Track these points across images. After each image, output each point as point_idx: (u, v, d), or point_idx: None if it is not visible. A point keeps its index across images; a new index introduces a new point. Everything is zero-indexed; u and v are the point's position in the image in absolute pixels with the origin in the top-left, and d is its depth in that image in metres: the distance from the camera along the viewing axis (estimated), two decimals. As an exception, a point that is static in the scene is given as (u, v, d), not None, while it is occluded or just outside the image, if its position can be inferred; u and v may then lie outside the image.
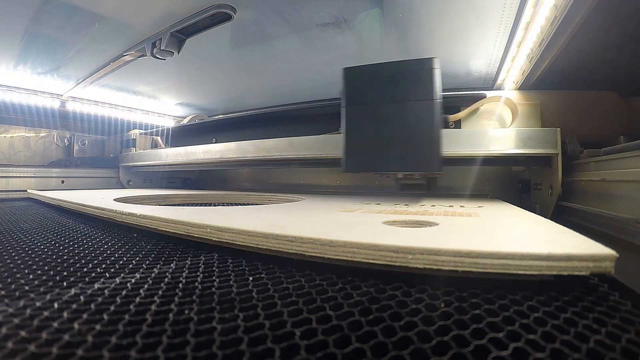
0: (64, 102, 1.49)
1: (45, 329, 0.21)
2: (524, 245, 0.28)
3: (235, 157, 1.12)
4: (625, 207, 0.56)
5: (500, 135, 0.79)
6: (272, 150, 1.03)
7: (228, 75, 1.30)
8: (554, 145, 0.75)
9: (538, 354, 0.18)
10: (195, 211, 0.55)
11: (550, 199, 0.80)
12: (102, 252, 0.40)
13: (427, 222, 0.42)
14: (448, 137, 0.79)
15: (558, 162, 0.75)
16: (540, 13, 0.69)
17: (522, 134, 0.78)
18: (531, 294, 0.26)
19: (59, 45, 1.01)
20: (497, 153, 0.79)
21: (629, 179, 0.55)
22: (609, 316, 0.23)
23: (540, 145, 0.76)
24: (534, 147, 0.77)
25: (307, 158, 0.97)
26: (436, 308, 0.24)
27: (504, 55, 0.95)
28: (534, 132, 0.78)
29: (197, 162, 1.25)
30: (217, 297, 0.26)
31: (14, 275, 0.32)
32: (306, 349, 0.19)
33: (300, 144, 0.99)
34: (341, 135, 0.81)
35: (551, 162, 0.79)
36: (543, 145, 0.76)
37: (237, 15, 0.83)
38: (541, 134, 0.77)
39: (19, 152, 1.54)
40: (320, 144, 0.96)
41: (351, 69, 0.81)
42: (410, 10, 0.81)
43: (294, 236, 0.33)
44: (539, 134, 0.77)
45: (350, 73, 0.81)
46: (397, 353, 0.19)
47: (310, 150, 0.96)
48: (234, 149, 1.13)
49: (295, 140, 1.00)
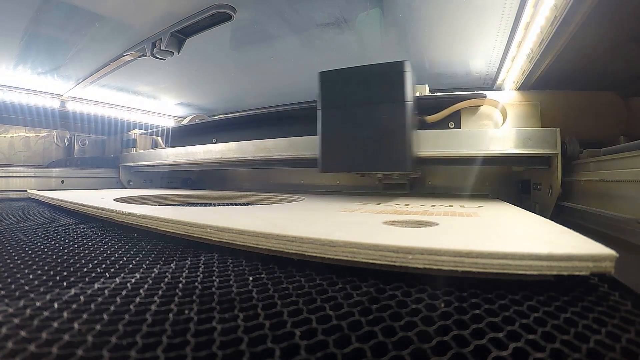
0: (64, 102, 1.49)
1: (45, 329, 0.21)
2: (524, 245, 0.28)
3: (235, 157, 1.13)
4: (626, 207, 0.56)
5: (500, 136, 0.80)
6: (273, 150, 1.03)
7: (228, 75, 1.30)
8: (553, 145, 0.76)
9: (538, 354, 0.18)
10: (195, 211, 0.55)
11: (549, 199, 0.80)
12: (102, 252, 0.40)
13: (427, 222, 0.42)
14: (447, 138, 0.82)
15: (557, 162, 0.75)
16: (540, 13, 0.69)
17: (522, 134, 0.78)
18: (531, 294, 0.26)
19: (59, 45, 1.01)
20: (497, 153, 0.79)
21: (629, 179, 0.55)
22: (609, 316, 0.23)
23: (540, 145, 0.77)
24: (533, 147, 0.77)
25: (308, 158, 0.96)
26: (436, 308, 0.24)
27: (504, 55, 0.95)
28: (534, 133, 0.78)
29: (197, 162, 1.25)
30: (217, 297, 0.26)
31: (14, 275, 0.32)
32: (306, 349, 0.19)
33: (301, 144, 0.99)
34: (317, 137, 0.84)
35: (551, 162, 0.80)
36: (543, 145, 0.76)
37: (237, 15, 0.83)
38: (541, 134, 0.77)
39: (19, 152, 1.54)
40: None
41: (326, 73, 0.83)
42: (410, 10, 0.81)
43: (294, 236, 0.33)
44: (538, 134, 0.78)
45: (326, 77, 0.83)
46: (397, 353, 0.19)
47: (311, 151, 0.95)
48: (234, 149, 1.13)
49: (296, 140, 1.00)
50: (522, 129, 0.80)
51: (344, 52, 1.03)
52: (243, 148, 1.11)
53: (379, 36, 0.94)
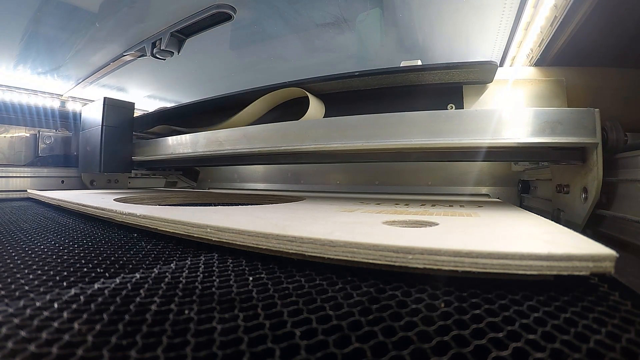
0: (64, 102, 1.49)
1: (45, 329, 0.21)
2: (524, 245, 0.28)
3: (187, 152, 1.01)
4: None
5: (517, 119, 0.59)
6: (225, 144, 0.90)
7: (228, 75, 1.30)
8: (592, 132, 0.55)
9: (538, 354, 0.18)
10: (195, 211, 0.55)
11: (583, 205, 0.60)
12: (102, 252, 0.40)
13: (427, 222, 0.42)
14: (443, 122, 0.63)
15: (598, 156, 0.56)
16: (540, 13, 0.69)
17: (548, 116, 0.57)
18: (531, 294, 0.26)
19: (59, 45, 1.01)
20: (512, 143, 0.59)
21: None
22: (609, 316, 0.23)
23: (573, 132, 0.56)
24: (564, 134, 0.57)
25: (264, 153, 0.83)
26: (436, 308, 0.24)
27: (504, 55, 0.95)
28: (565, 114, 0.57)
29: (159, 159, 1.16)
30: (217, 297, 0.26)
31: (14, 275, 0.32)
32: (306, 349, 0.19)
33: (257, 134, 0.83)
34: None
35: (587, 155, 0.60)
36: (577, 132, 0.56)
37: (237, 15, 0.83)
38: (574, 115, 0.56)
39: (18, 152, 1.54)
40: (280, 134, 0.80)
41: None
42: (410, 10, 0.81)
43: (294, 236, 0.33)
44: (571, 116, 0.57)
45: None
46: (397, 353, 0.19)
47: (272, 143, 0.81)
48: (187, 142, 1.00)
49: (250, 130, 0.84)
50: (547, 109, 0.58)
51: (344, 52, 1.04)
52: (195, 140, 0.97)
53: (379, 36, 0.94)
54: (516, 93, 0.81)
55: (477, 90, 0.84)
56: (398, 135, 0.66)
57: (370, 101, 0.96)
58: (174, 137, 1.06)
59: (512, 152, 0.68)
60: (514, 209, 0.61)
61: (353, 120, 0.71)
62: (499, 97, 0.83)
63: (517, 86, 0.81)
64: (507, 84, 0.82)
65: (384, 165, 1.26)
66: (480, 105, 0.84)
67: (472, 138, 0.61)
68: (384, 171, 1.27)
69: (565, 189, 0.69)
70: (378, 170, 1.28)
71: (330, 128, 0.73)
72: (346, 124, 0.72)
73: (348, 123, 0.71)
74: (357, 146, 0.70)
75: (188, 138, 1.01)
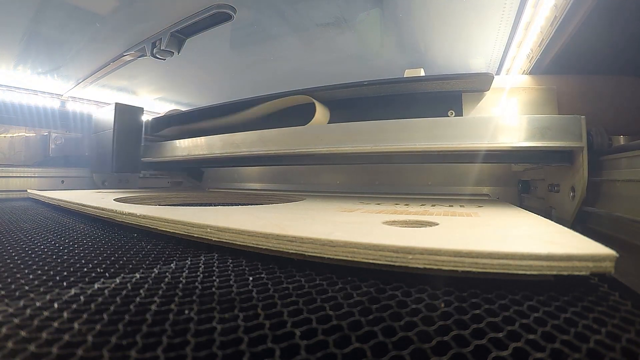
0: (64, 102, 1.49)
1: (45, 329, 0.21)
2: (523, 245, 0.28)
3: (203, 153, 1.06)
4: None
5: (511, 125, 0.66)
6: (241, 146, 0.95)
7: (228, 75, 1.30)
8: (578, 136, 0.62)
9: (538, 354, 0.18)
10: (195, 211, 0.55)
11: (571, 203, 0.66)
12: (102, 252, 0.40)
13: (427, 222, 0.42)
14: (445, 128, 0.70)
15: (583, 158, 0.62)
16: (540, 13, 0.69)
17: (538, 123, 0.64)
18: (531, 294, 0.26)
19: (59, 45, 1.01)
20: (506, 146, 0.66)
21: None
22: (609, 316, 0.23)
23: (561, 136, 0.63)
24: (552, 139, 0.63)
25: (280, 154, 0.90)
26: (436, 308, 0.24)
27: (504, 55, 0.95)
28: (553, 121, 0.65)
29: (174, 160, 1.21)
30: (217, 297, 0.26)
31: (14, 275, 0.32)
32: (306, 349, 0.19)
33: (272, 138, 0.89)
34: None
35: (574, 157, 0.66)
36: (564, 136, 0.63)
37: (237, 15, 0.83)
38: (562, 122, 0.64)
39: (18, 152, 1.54)
40: (294, 137, 0.86)
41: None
42: (410, 10, 0.81)
43: (294, 236, 0.33)
44: (559, 122, 0.64)
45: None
46: (397, 353, 0.19)
47: (285, 146, 0.87)
48: (202, 144, 1.07)
49: (266, 133, 0.90)
50: (537, 116, 0.66)
51: (344, 52, 1.04)
52: (211, 143, 1.03)
53: (379, 36, 0.94)
54: (511, 100, 0.89)
55: (475, 97, 0.90)
56: (403, 140, 0.73)
57: (375, 107, 0.99)
58: (190, 139, 1.12)
59: (507, 155, 0.75)
60: (513, 209, 0.61)
61: (362, 126, 0.78)
62: (496, 104, 0.89)
63: (512, 94, 0.89)
64: (503, 92, 0.89)
65: (384, 165, 1.26)
66: (478, 111, 0.89)
67: (469, 142, 0.68)
68: (384, 171, 1.27)
69: (556, 188, 0.76)
70: (378, 171, 1.28)
71: (341, 133, 0.80)
72: (356, 129, 0.78)
73: (358, 128, 0.78)
74: (366, 149, 0.76)
75: (204, 140, 1.07)
